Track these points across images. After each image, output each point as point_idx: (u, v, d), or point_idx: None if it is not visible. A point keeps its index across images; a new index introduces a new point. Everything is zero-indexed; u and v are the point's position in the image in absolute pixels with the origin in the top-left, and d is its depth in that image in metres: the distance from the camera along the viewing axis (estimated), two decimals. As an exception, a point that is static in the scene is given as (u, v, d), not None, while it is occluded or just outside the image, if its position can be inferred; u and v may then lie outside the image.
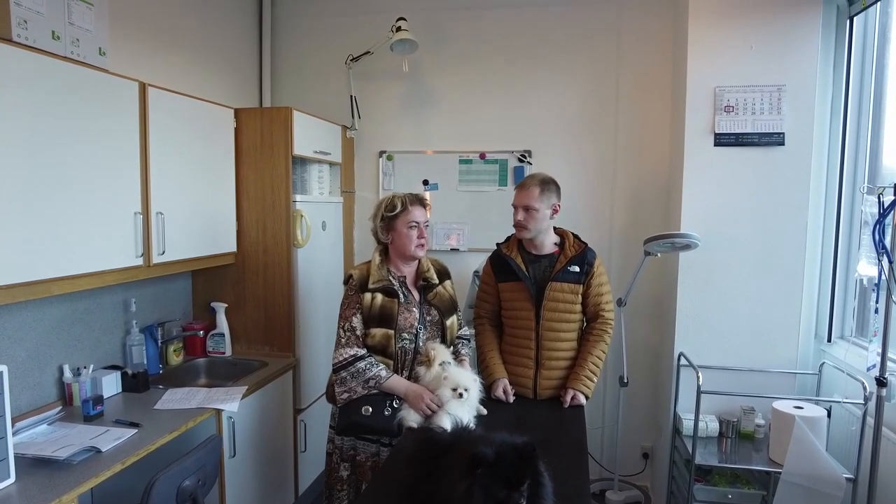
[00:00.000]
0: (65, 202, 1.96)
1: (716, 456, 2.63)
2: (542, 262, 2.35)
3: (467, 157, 3.54)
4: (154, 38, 2.76)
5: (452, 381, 1.97)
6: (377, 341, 2.11)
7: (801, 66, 2.75)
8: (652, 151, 3.35)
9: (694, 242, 2.74)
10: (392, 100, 3.61)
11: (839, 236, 2.84)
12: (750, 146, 2.82)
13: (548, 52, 3.42)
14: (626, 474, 3.44)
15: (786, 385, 2.82)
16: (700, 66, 2.84)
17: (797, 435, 2.37)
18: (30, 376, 2.18)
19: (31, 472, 1.74)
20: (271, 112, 2.96)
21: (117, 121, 2.17)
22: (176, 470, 1.80)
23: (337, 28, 3.62)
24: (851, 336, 2.76)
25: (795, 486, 2.34)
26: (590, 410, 2.34)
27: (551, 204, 2.30)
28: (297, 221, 2.94)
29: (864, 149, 2.70)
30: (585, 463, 1.83)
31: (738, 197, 2.84)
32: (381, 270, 2.16)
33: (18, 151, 1.80)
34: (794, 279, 2.82)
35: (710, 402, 2.75)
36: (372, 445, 2.15)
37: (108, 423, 2.11)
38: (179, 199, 2.51)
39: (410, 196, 2.20)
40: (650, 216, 3.35)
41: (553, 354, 2.33)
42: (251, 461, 2.60)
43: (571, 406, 2.24)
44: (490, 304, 2.46)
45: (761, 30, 2.77)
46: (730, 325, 2.89)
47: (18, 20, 1.81)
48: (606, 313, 2.38)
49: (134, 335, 2.59)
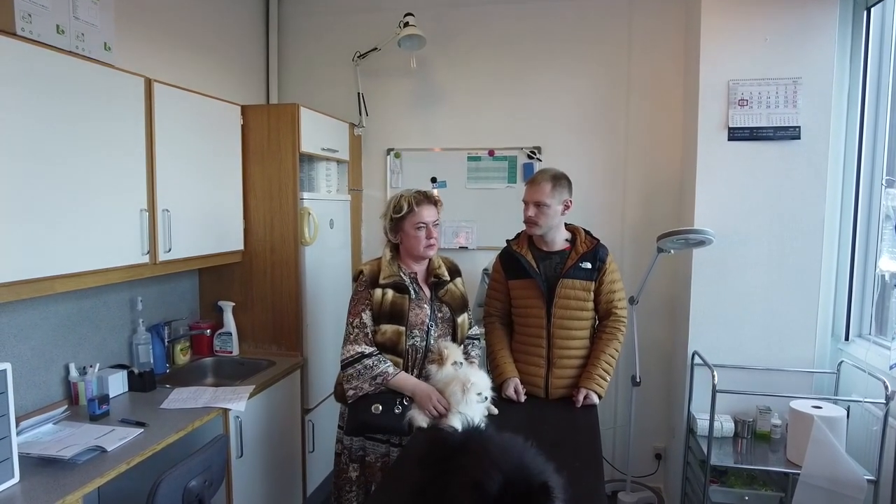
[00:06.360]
0: (69, 199, 1.94)
1: (731, 457, 2.58)
2: (553, 258, 2.31)
3: (476, 155, 3.50)
4: (160, 34, 2.74)
5: (477, 387, 1.92)
6: (388, 338, 2.07)
7: (817, 58, 2.69)
8: (664, 146, 3.29)
9: (708, 239, 2.69)
10: (400, 97, 3.58)
11: (857, 231, 2.78)
12: (765, 140, 2.76)
13: (557, 46, 3.38)
14: (639, 475, 3.39)
15: (803, 384, 2.77)
16: (713, 59, 2.79)
17: (816, 435, 2.31)
18: (35, 375, 2.16)
19: (36, 471, 1.72)
20: (278, 109, 2.93)
21: (123, 117, 2.15)
22: (182, 470, 1.78)
23: (344, 24, 3.59)
24: (870, 334, 2.70)
25: (815, 488, 2.28)
26: (602, 410, 2.29)
27: (563, 200, 2.26)
28: (305, 219, 2.91)
29: (883, 141, 2.64)
30: (600, 464, 1.78)
31: (752, 192, 2.79)
32: (392, 266, 2.13)
33: (22, 147, 1.78)
34: (810, 276, 2.76)
35: (725, 401, 2.70)
36: (381, 446, 2.11)
37: (114, 422, 2.09)
38: (186, 196, 2.49)
39: (418, 196, 2.13)
40: (663, 212, 3.29)
41: (565, 353, 2.28)
42: (259, 461, 2.57)
43: (584, 406, 2.19)
44: (500, 303, 2.42)
45: (776, 21, 2.72)
46: (745, 323, 2.83)
47: (23, 14, 1.79)
48: (619, 311, 2.33)
49: (140, 334, 2.57)
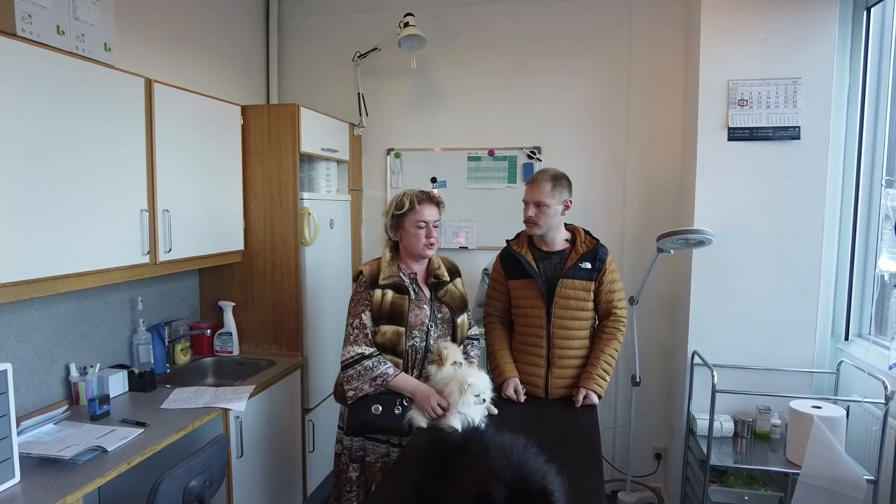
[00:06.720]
0: (69, 199, 1.94)
1: (731, 456, 2.58)
2: (552, 259, 2.31)
3: (476, 155, 3.50)
4: (160, 34, 2.74)
5: (476, 388, 1.92)
6: (388, 339, 2.07)
7: (817, 58, 2.69)
8: (664, 146, 3.29)
9: (708, 239, 2.69)
10: (400, 97, 3.58)
11: (857, 231, 2.78)
12: (764, 140, 2.76)
13: (558, 46, 3.38)
14: (639, 475, 3.39)
15: (802, 384, 2.77)
16: (713, 60, 2.79)
17: (815, 435, 2.31)
18: (36, 375, 2.16)
19: (37, 471, 1.73)
20: (278, 109, 2.93)
21: (123, 117, 2.15)
22: (182, 470, 1.79)
23: (344, 24, 3.59)
24: (870, 334, 2.70)
25: (814, 488, 2.28)
26: (602, 410, 2.30)
27: (563, 200, 2.26)
28: (305, 219, 2.91)
29: (883, 141, 2.64)
30: (599, 464, 1.78)
31: (752, 192, 2.79)
32: (391, 267, 2.13)
33: (22, 148, 1.78)
34: (810, 276, 2.77)
35: (725, 401, 2.71)
36: (381, 446, 2.11)
37: (115, 422, 2.09)
38: (186, 196, 2.49)
39: (421, 195, 2.14)
40: (663, 212, 3.29)
41: (564, 353, 2.28)
42: (259, 461, 2.58)
43: (584, 406, 2.19)
44: (500, 303, 2.42)
45: (776, 22, 2.72)
46: (744, 323, 2.83)
47: (23, 14, 1.79)
48: (619, 311, 2.33)
49: (141, 334, 2.57)
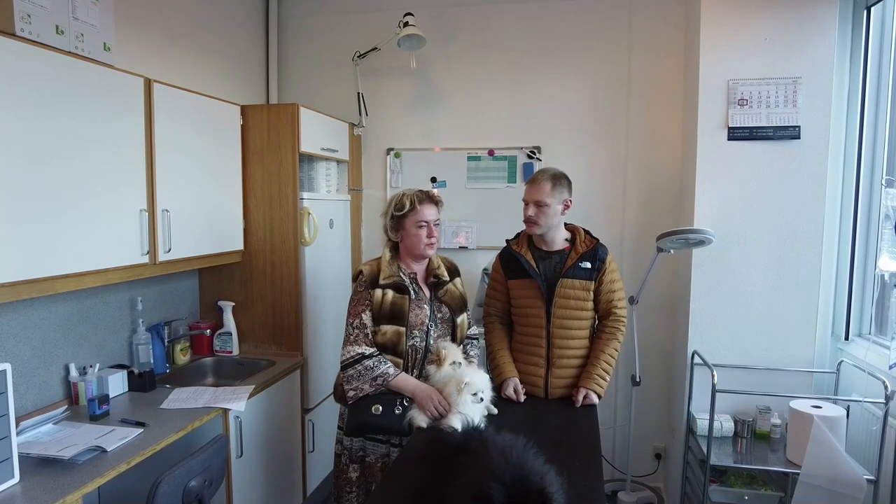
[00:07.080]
0: (69, 199, 1.94)
1: (731, 456, 2.58)
2: (552, 258, 2.31)
3: (476, 154, 3.50)
4: (159, 34, 2.74)
5: (473, 387, 1.92)
6: (388, 339, 2.07)
7: (817, 57, 2.69)
8: (664, 146, 3.29)
9: (708, 238, 2.69)
10: (399, 96, 3.58)
11: (857, 231, 2.78)
12: (764, 140, 2.76)
13: (558, 45, 3.38)
14: (639, 475, 3.39)
15: (802, 384, 2.77)
16: (713, 59, 2.78)
17: (816, 435, 2.31)
18: (35, 375, 2.16)
19: (36, 471, 1.72)
20: (278, 109, 2.93)
21: (122, 117, 2.15)
22: (182, 470, 1.78)
23: (344, 24, 3.59)
24: (870, 334, 2.70)
25: (814, 488, 2.28)
26: (601, 410, 2.30)
27: (563, 199, 2.26)
28: (305, 219, 2.91)
29: (883, 141, 2.64)
30: (599, 464, 1.78)
31: (752, 192, 2.79)
32: (391, 266, 2.13)
33: (22, 147, 1.78)
34: (810, 275, 2.76)
35: (725, 401, 2.71)
36: (381, 446, 2.11)
37: (114, 422, 2.09)
38: (185, 196, 2.49)
39: (420, 194, 2.14)
40: (663, 212, 3.29)
41: (564, 353, 2.28)
42: (258, 461, 2.57)
43: (583, 406, 2.19)
44: (500, 302, 2.42)
45: (776, 21, 2.71)
46: (744, 322, 2.83)
47: (22, 14, 1.79)
48: (619, 311, 2.33)
49: (140, 334, 2.57)
